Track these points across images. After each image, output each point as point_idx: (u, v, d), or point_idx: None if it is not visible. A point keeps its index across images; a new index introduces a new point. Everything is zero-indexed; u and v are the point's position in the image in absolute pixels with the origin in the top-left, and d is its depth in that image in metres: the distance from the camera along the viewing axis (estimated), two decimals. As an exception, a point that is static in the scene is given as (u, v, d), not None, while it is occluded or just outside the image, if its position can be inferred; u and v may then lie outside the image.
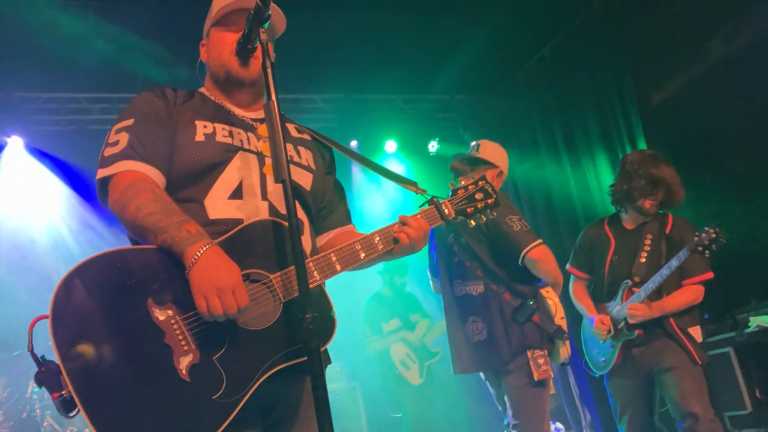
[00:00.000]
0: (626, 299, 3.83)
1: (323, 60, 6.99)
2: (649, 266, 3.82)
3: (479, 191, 2.22)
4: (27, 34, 6.16)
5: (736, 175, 5.93)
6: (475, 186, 2.24)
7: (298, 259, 1.64)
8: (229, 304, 1.66)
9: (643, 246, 3.89)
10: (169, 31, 6.31)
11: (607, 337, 3.87)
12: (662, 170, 3.81)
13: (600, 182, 6.66)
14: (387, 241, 2.02)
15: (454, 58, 7.24)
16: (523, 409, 3.40)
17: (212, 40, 2.15)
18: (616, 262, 3.97)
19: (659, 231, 3.89)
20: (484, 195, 2.22)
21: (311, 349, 1.58)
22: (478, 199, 2.22)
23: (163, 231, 1.72)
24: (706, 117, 6.14)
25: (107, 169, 1.88)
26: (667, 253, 3.81)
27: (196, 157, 1.95)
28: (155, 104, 2.02)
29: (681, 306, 3.78)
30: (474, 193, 2.22)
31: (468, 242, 3.64)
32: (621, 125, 6.48)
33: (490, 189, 2.25)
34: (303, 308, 1.60)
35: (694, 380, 3.68)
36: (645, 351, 3.82)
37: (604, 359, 3.94)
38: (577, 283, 4.19)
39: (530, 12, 6.70)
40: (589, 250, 4.13)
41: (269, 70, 1.78)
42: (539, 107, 7.50)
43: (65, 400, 1.55)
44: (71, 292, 1.61)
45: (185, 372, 1.64)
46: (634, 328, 3.77)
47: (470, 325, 3.59)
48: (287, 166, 1.68)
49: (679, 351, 3.73)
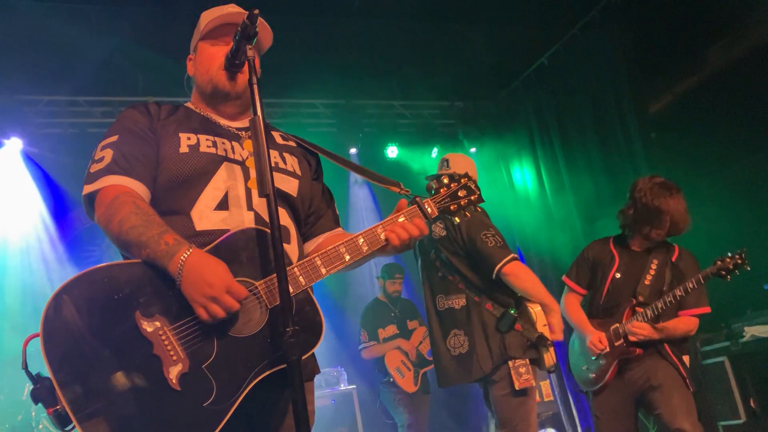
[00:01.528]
0: (627, 318, 3.84)
1: (324, 66, 7.03)
2: (652, 289, 3.83)
3: (462, 188, 2.22)
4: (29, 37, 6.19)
5: (732, 183, 5.96)
6: (458, 183, 2.23)
7: (281, 273, 1.67)
8: (228, 305, 1.70)
9: (648, 269, 3.88)
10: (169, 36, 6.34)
11: (600, 355, 3.87)
12: (667, 203, 3.79)
13: (598, 191, 6.68)
14: (372, 242, 2.02)
15: (454, 65, 7.28)
16: (507, 418, 3.42)
17: (200, 54, 2.17)
18: (619, 281, 3.94)
19: (665, 258, 3.88)
20: (467, 192, 2.22)
21: (291, 362, 1.62)
22: (461, 196, 2.21)
23: (144, 245, 1.75)
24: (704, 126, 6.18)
25: (93, 184, 1.91)
26: (671, 282, 3.80)
27: (180, 168, 1.97)
28: (139, 120, 2.04)
29: (679, 334, 3.78)
30: (457, 191, 2.22)
31: (448, 257, 3.67)
32: (618, 134, 6.50)
33: (473, 186, 2.25)
34: (285, 321, 1.64)
35: (683, 397, 3.67)
36: (636, 370, 3.81)
37: (594, 376, 3.92)
38: (571, 295, 4.15)
39: (530, 20, 6.73)
40: (592, 265, 4.10)
41: (255, 87, 1.81)
42: (537, 115, 7.53)
43: (60, 414, 1.58)
44: (60, 309, 1.64)
45: (175, 381, 1.67)
46: (634, 346, 3.79)
47: (452, 338, 3.62)
48: (272, 182, 1.71)
49: (669, 369, 3.73)
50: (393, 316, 6.01)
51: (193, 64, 2.22)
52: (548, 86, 7.31)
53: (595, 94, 6.76)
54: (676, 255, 3.92)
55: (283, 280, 1.67)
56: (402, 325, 5.97)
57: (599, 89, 6.68)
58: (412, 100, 8.10)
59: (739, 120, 5.79)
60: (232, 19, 2.08)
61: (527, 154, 7.72)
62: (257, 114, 1.78)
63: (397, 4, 6.68)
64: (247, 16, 1.79)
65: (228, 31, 2.09)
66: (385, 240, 2.03)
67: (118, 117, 2.09)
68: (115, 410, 1.61)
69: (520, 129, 7.78)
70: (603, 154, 6.65)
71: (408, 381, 5.73)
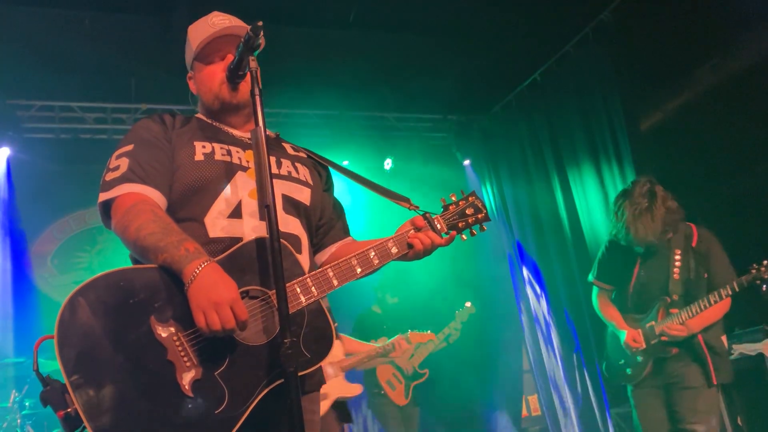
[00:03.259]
0: (662, 317, 3.89)
1: (318, 77, 7.05)
2: (683, 284, 3.90)
3: (470, 206, 2.28)
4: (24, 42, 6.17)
5: (722, 203, 6.02)
6: (466, 201, 2.29)
7: (279, 282, 1.68)
8: (226, 318, 1.68)
9: (673, 262, 3.95)
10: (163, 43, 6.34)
11: (637, 352, 3.94)
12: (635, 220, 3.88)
13: (588, 206, 6.73)
14: (383, 256, 2.07)
15: (448, 78, 7.33)
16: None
17: (198, 74, 2.19)
18: (645, 278, 4.02)
19: (686, 245, 3.95)
20: (474, 210, 2.28)
21: (288, 374, 1.63)
22: (469, 214, 2.27)
23: (163, 250, 1.75)
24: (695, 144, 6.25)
25: (109, 192, 1.92)
26: (696, 268, 3.88)
27: (195, 176, 1.99)
28: (154, 130, 2.06)
29: (714, 321, 3.86)
30: (465, 209, 2.27)
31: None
32: (610, 150, 6.57)
33: (480, 204, 2.31)
34: (283, 333, 1.64)
35: (706, 401, 3.76)
36: (671, 366, 3.90)
37: (631, 371, 4.02)
38: (601, 294, 4.25)
39: (523, 36, 6.80)
40: (614, 261, 4.18)
41: (258, 98, 1.82)
42: (530, 131, 7.59)
43: (70, 417, 1.57)
44: (76, 312, 1.64)
45: (188, 387, 1.66)
46: (670, 345, 3.85)
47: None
48: (272, 192, 1.73)
49: (699, 372, 3.81)
50: (385, 328, 6.00)
51: (193, 82, 2.24)
52: (541, 102, 7.37)
53: (587, 111, 6.82)
54: (695, 239, 3.97)
55: (282, 291, 1.68)
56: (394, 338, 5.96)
57: (591, 106, 6.75)
58: (405, 113, 8.14)
59: (729, 139, 5.86)
60: (222, 33, 2.10)
61: (519, 169, 7.77)
62: (259, 125, 1.79)
63: (392, 18, 6.74)
64: (251, 29, 1.82)
65: (220, 45, 2.11)
66: (399, 251, 2.10)
67: (132, 127, 2.10)
68: (128, 414, 1.60)
69: (512, 144, 7.83)
70: (594, 170, 6.71)
71: (399, 394, 5.73)
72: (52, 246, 7.00)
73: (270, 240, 1.71)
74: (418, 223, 2.17)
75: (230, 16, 2.19)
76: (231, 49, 2.09)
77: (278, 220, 1.77)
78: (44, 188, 6.96)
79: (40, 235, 7.00)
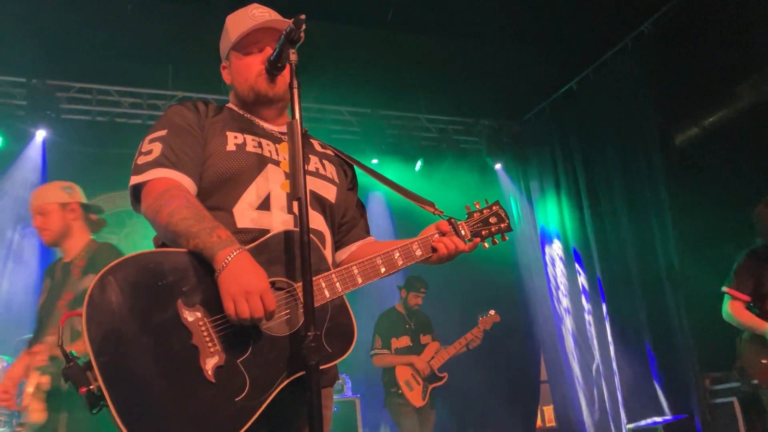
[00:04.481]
0: None
1: (352, 74, 7.07)
2: None
3: (493, 215, 2.30)
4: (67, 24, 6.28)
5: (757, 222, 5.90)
6: (490, 210, 2.31)
7: (306, 275, 1.68)
8: (256, 307, 1.69)
9: None
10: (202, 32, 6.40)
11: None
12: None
13: (617, 217, 6.66)
14: (408, 257, 2.09)
15: (482, 82, 7.30)
16: None
17: (234, 64, 2.18)
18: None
19: None
20: (497, 219, 2.30)
21: (309, 366, 1.63)
22: (492, 222, 2.29)
23: (195, 236, 1.76)
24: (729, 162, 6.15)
25: (140, 176, 1.93)
26: None
27: (227, 166, 2.00)
28: (187, 117, 2.07)
29: None
30: (488, 217, 2.29)
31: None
32: (642, 164, 6.50)
33: (503, 214, 2.32)
34: (307, 325, 1.65)
35: None
36: None
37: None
38: (735, 302, 4.30)
39: (562, 44, 6.76)
40: (752, 273, 4.27)
41: (296, 90, 1.82)
42: (562, 139, 7.54)
43: (93, 394, 1.59)
44: (105, 290, 1.65)
45: (211, 373, 1.67)
46: None
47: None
48: (305, 185, 1.73)
49: None
50: (408, 327, 6.00)
51: (228, 72, 2.23)
52: (575, 111, 7.32)
53: (621, 122, 6.76)
54: None
55: (309, 284, 1.68)
56: (415, 339, 5.96)
57: (626, 117, 6.69)
58: (438, 115, 8.13)
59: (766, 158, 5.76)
60: (263, 25, 2.10)
61: (549, 177, 7.72)
62: (295, 117, 1.80)
63: (430, 19, 6.73)
64: (294, 21, 1.82)
65: (259, 37, 2.11)
66: (423, 254, 2.12)
67: (165, 112, 2.11)
68: (150, 394, 1.61)
69: (543, 152, 7.78)
70: (625, 184, 6.64)
71: (416, 395, 5.72)
72: (82, 226, 7.09)
73: (300, 233, 1.71)
74: (443, 227, 2.18)
75: (269, 9, 2.20)
76: (269, 41, 2.10)
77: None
78: (77, 169, 7.04)
79: (71, 216, 7.09)
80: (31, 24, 6.18)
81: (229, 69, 2.22)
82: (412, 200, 2.32)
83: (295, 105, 1.82)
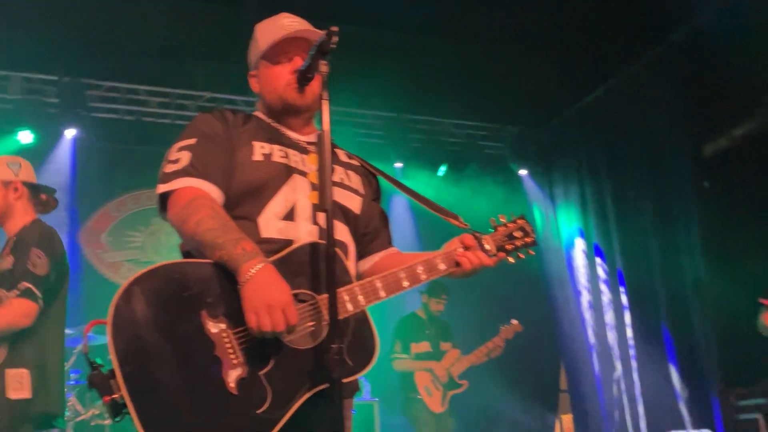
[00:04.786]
0: None
1: (378, 77, 7.06)
2: None
3: (518, 230, 2.27)
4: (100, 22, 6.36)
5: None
6: (515, 224, 2.28)
7: (331, 288, 1.69)
8: (278, 321, 1.70)
9: None
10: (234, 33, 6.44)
11: None
12: None
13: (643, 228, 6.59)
14: (431, 272, 2.08)
15: (510, 88, 7.26)
16: None
17: (263, 73, 2.18)
18: None
19: None
20: (523, 233, 2.27)
21: (333, 380, 1.63)
22: (517, 237, 2.26)
23: (220, 247, 1.77)
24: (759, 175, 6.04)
25: (168, 184, 1.94)
26: None
27: (253, 176, 2.00)
28: (215, 126, 2.07)
29: None
30: (513, 231, 2.26)
31: None
32: (670, 174, 6.42)
33: (529, 228, 2.30)
34: (332, 338, 1.65)
35: None
36: None
37: None
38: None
39: (590, 51, 6.69)
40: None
41: (325, 102, 1.82)
42: (587, 147, 7.47)
43: (116, 403, 1.60)
44: (131, 300, 1.67)
45: (233, 385, 1.68)
46: None
47: None
48: (330, 195, 1.74)
49: None
50: (428, 333, 6.00)
51: (256, 81, 2.23)
52: (602, 119, 7.24)
53: (649, 132, 6.68)
54: None
55: (333, 297, 1.68)
56: (435, 345, 5.95)
57: (654, 127, 6.61)
58: (462, 120, 8.10)
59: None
60: (293, 35, 2.10)
61: (573, 185, 7.66)
62: (324, 129, 1.80)
63: (457, 24, 6.70)
64: (326, 33, 1.83)
65: (289, 47, 2.11)
66: (446, 269, 2.10)
67: (193, 120, 2.12)
68: (172, 406, 1.63)
69: (568, 161, 7.72)
70: (652, 194, 6.56)
71: (435, 401, 5.71)
72: (108, 223, 7.20)
73: (327, 245, 1.72)
74: (467, 241, 2.16)
75: (299, 18, 2.20)
76: (299, 51, 2.10)
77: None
78: (104, 167, 7.19)
79: (97, 212, 7.20)
80: (64, 22, 6.26)
81: (258, 78, 2.22)
82: (437, 212, 2.30)
83: (324, 117, 1.82)
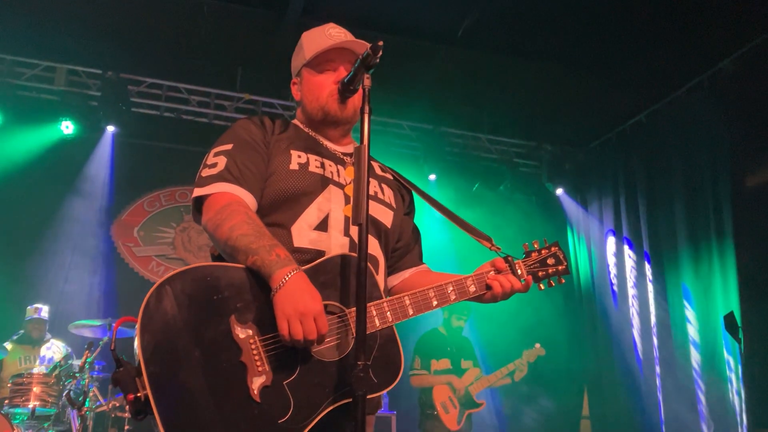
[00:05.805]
0: None
1: (416, 88, 7.06)
2: None
3: (551, 256, 2.25)
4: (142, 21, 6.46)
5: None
6: (548, 251, 2.26)
7: (361, 304, 1.66)
8: (309, 329, 1.68)
9: None
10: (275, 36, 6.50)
11: None
12: None
13: (677, 259, 6.44)
14: (461, 293, 2.06)
15: (550, 107, 7.18)
16: None
17: (306, 82, 2.17)
18: None
19: None
20: (555, 261, 2.25)
21: (357, 396, 1.60)
22: (550, 264, 2.24)
23: (254, 252, 1.76)
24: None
25: (203, 188, 1.94)
26: None
27: (289, 185, 2.00)
28: (253, 132, 2.07)
29: None
30: (546, 258, 2.24)
31: None
32: (709, 203, 6.27)
33: (562, 256, 2.27)
34: (357, 354, 1.62)
35: None
36: None
37: None
38: None
39: (636, 76, 6.61)
40: None
41: (366, 116, 1.80)
42: (626, 171, 7.34)
43: (140, 402, 1.59)
44: (161, 300, 1.66)
45: (257, 392, 1.66)
46: None
47: None
48: (366, 212, 1.71)
49: None
50: (449, 350, 5.93)
51: (298, 89, 2.23)
52: (642, 144, 7.12)
53: (689, 159, 6.54)
54: None
55: (363, 312, 1.65)
56: (455, 362, 5.88)
57: (695, 155, 6.47)
58: (499, 136, 8.04)
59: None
60: (340, 46, 2.10)
61: (608, 210, 7.53)
62: (363, 143, 1.78)
63: (500, 39, 6.67)
64: (371, 47, 1.82)
65: (334, 57, 2.11)
66: (477, 290, 2.09)
67: (232, 126, 2.12)
68: (195, 409, 1.61)
69: (606, 184, 7.59)
70: (689, 223, 6.42)
71: (452, 418, 5.63)
72: (141, 218, 7.28)
73: (358, 259, 1.69)
74: (499, 265, 2.14)
75: (345, 29, 2.20)
76: (343, 62, 2.10)
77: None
78: (140, 162, 7.29)
79: (131, 206, 7.30)
80: (110, 18, 6.39)
81: (300, 85, 2.21)
82: (469, 233, 2.28)
83: (364, 131, 1.80)
